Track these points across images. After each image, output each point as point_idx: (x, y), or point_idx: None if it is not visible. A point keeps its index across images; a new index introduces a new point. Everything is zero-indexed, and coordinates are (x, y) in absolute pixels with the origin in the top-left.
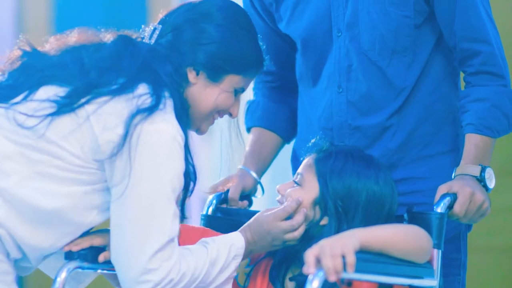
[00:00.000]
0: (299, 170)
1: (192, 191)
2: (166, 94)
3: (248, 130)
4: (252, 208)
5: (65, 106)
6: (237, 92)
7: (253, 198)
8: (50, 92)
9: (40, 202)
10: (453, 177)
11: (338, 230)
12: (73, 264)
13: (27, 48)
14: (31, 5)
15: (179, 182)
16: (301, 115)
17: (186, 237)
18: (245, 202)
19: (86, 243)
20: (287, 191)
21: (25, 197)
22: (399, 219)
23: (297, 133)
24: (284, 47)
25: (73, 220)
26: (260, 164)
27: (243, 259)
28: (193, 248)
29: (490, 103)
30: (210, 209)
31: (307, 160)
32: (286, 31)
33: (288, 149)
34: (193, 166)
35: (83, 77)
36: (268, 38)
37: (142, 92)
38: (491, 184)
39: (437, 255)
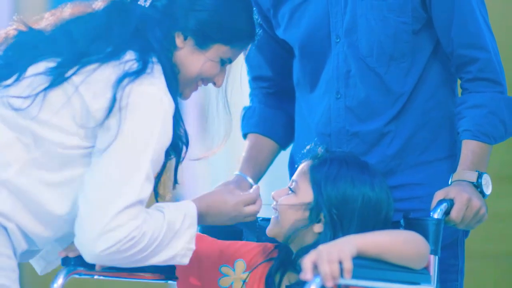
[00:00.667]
0: (294, 177)
1: (184, 157)
2: (154, 59)
3: (245, 136)
4: None
5: (56, 78)
6: (224, 62)
7: None
8: (40, 68)
9: (40, 191)
10: (450, 183)
11: (334, 238)
12: (69, 269)
13: (22, 28)
14: None
15: (161, 145)
16: (299, 121)
17: None
18: None
19: None
20: (280, 199)
21: (26, 186)
22: (395, 225)
23: (294, 139)
24: (281, 53)
25: (75, 204)
26: (256, 170)
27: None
28: (150, 211)
29: (487, 110)
30: None
31: (302, 167)
32: (284, 36)
33: (285, 154)
34: (185, 131)
35: (72, 48)
36: (266, 44)
37: (129, 58)
38: (487, 190)
39: (433, 261)
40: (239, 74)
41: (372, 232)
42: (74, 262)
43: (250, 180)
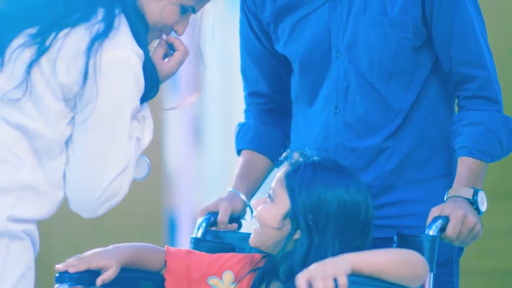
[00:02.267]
0: (272, 184)
1: (156, 93)
2: (117, 11)
3: (238, 152)
4: (242, 230)
5: (38, 49)
6: (185, 10)
7: (242, 220)
8: (21, 39)
9: (48, 180)
10: (445, 199)
11: (310, 244)
12: (64, 286)
13: None
14: None
15: (136, 100)
16: (295, 136)
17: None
18: (235, 225)
19: (83, 266)
20: (258, 208)
21: (37, 179)
22: (388, 241)
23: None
24: (279, 69)
25: None
26: (249, 186)
27: None
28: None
29: (485, 128)
30: (200, 232)
31: (279, 174)
32: (284, 51)
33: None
34: (155, 71)
35: (51, 12)
36: (263, 60)
37: (96, 20)
38: (483, 207)
39: (429, 278)
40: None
41: (368, 251)
42: (69, 279)
43: (243, 197)
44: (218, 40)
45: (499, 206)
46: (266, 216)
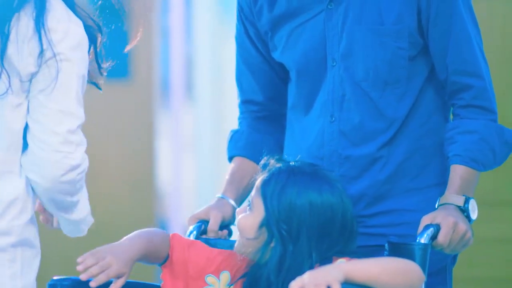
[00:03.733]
0: (252, 193)
1: (101, 43)
2: None
3: (230, 159)
4: (233, 238)
5: (1, 38)
6: None
7: (232, 227)
8: None
9: None
10: (436, 206)
11: (284, 252)
12: None
13: None
14: None
15: (85, 71)
16: (290, 144)
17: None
18: (225, 232)
19: (104, 277)
20: (238, 217)
21: None
22: (379, 249)
23: None
24: (274, 78)
25: None
26: (239, 193)
27: None
28: None
29: (479, 136)
30: None
31: (256, 182)
32: (281, 59)
33: None
34: (94, 21)
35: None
36: (259, 68)
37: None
38: (473, 215)
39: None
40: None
41: (363, 259)
42: (61, 287)
43: (233, 203)
44: (210, 46)
45: (490, 214)
46: (244, 225)
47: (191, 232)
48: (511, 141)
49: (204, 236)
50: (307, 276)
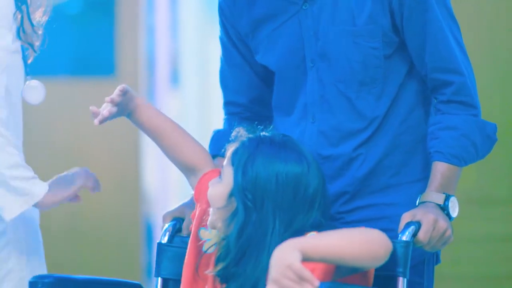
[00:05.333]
0: (223, 162)
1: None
2: None
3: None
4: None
5: None
6: None
7: None
8: None
9: None
10: (417, 203)
11: (247, 220)
12: None
13: None
14: None
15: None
16: None
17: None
18: None
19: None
20: (209, 189)
21: None
22: None
23: None
24: (256, 80)
25: None
26: None
27: None
28: None
29: (460, 132)
30: (166, 238)
31: (227, 152)
32: (263, 62)
33: None
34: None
35: None
36: (241, 70)
37: None
38: (454, 213)
39: (402, 283)
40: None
41: (324, 233)
42: (42, 285)
43: None
44: (195, 44)
45: (476, 212)
46: (214, 195)
47: (166, 230)
48: (493, 135)
49: (178, 234)
50: (272, 271)
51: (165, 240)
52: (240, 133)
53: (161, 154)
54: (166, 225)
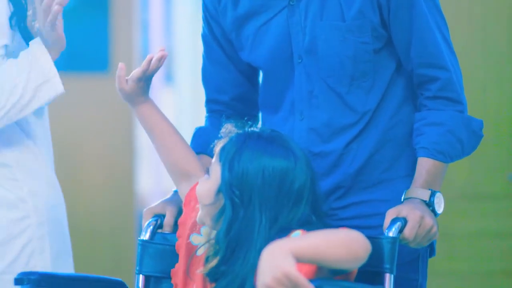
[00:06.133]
0: (212, 159)
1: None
2: None
3: None
4: None
5: None
6: None
7: None
8: None
9: None
10: (402, 200)
11: (235, 217)
12: None
13: None
14: None
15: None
16: None
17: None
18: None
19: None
20: (197, 186)
21: None
22: None
23: None
24: (239, 78)
25: None
26: None
27: None
28: None
29: (445, 128)
30: (147, 235)
31: (216, 148)
32: (249, 59)
33: None
34: None
35: None
36: (225, 68)
37: None
38: (439, 209)
39: (389, 279)
40: None
41: (308, 234)
42: (28, 281)
43: None
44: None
45: (469, 207)
46: (202, 191)
47: (147, 227)
48: (479, 131)
49: (159, 231)
50: (265, 276)
51: (146, 237)
52: (229, 129)
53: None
54: (147, 222)
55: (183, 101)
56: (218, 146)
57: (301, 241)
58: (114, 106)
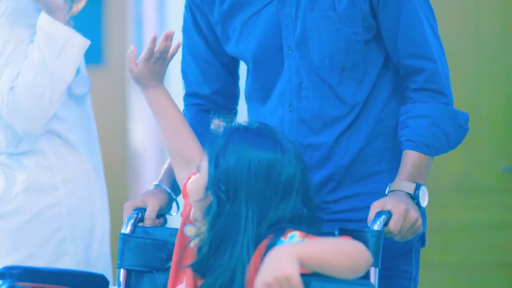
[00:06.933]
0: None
1: None
2: None
3: None
4: (167, 226)
5: None
6: None
7: (167, 216)
8: None
9: None
10: (386, 192)
11: (220, 211)
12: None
13: None
14: None
15: None
16: None
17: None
18: (160, 220)
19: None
20: (188, 182)
21: None
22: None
23: None
24: (221, 71)
25: None
26: (176, 182)
27: None
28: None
29: (430, 121)
30: (128, 228)
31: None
32: (235, 51)
33: None
34: None
35: None
36: (206, 60)
37: None
38: (424, 202)
39: (374, 273)
40: None
41: (314, 241)
42: (9, 276)
43: (169, 191)
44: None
45: (463, 200)
46: (192, 188)
47: (128, 220)
48: (465, 124)
49: (141, 224)
50: (266, 275)
51: (127, 230)
52: (217, 124)
53: (149, 140)
54: (128, 215)
55: (176, 93)
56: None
57: (309, 247)
58: (108, 99)
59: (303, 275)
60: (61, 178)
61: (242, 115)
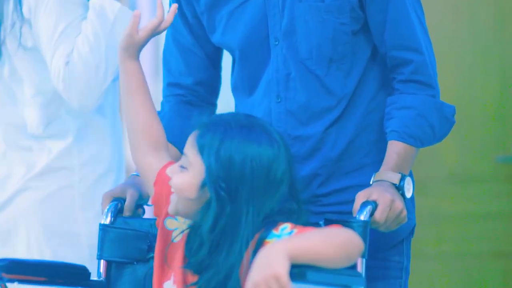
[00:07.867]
0: (184, 150)
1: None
2: None
3: None
4: (145, 216)
5: None
6: None
7: (145, 206)
8: None
9: None
10: (371, 182)
11: (221, 212)
12: None
13: None
14: None
15: None
16: None
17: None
18: (139, 210)
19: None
20: (172, 179)
21: None
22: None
23: None
24: (205, 62)
25: None
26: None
27: None
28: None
29: (416, 112)
30: (108, 219)
31: (190, 138)
32: (222, 41)
33: None
34: None
35: None
36: (190, 50)
37: None
38: (408, 193)
39: (361, 263)
40: None
41: (305, 234)
42: None
43: None
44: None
45: (457, 190)
46: (182, 185)
47: (108, 210)
48: (451, 117)
49: (120, 215)
50: (255, 273)
51: (107, 221)
52: (198, 118)
53: None
54: (108, 206)
55: None
56: (192, 135)
57: (300, 242)
58: None
59: (297, 266)
60: (78, 162)
61: (224, 109)
